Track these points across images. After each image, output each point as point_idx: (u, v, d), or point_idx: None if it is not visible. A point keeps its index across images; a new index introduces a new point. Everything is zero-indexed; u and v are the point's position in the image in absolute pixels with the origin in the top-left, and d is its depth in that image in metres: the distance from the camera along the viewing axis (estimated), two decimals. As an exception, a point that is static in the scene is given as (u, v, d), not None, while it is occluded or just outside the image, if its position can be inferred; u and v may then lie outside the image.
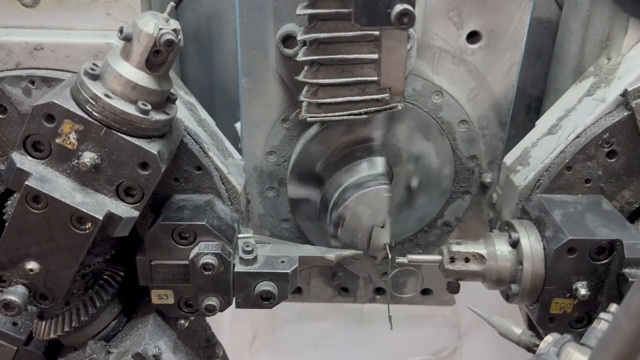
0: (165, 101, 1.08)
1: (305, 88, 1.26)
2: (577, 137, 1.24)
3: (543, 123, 1.36)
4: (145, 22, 0.99)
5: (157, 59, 1.01)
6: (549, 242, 1.16)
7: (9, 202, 1.17)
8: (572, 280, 1.14)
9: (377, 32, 1.13)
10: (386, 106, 1.27)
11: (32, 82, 1.16)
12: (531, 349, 1.10)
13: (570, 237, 1.12)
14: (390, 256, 1.28)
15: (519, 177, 1.32)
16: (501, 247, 1.22)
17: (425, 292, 1.74)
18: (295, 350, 2.11)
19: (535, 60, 1.58)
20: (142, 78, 1.01)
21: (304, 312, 2.01)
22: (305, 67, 1.24)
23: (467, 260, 1.23)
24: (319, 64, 1.23)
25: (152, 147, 1.03)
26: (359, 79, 1.23)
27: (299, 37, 1.22)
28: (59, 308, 1.14)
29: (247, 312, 1.22)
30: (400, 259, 1.25)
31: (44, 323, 1.18)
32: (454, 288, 1.27)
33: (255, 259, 1.18)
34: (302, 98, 1.26)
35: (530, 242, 1.18)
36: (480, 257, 1.22)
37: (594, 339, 1.01)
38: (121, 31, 0.99)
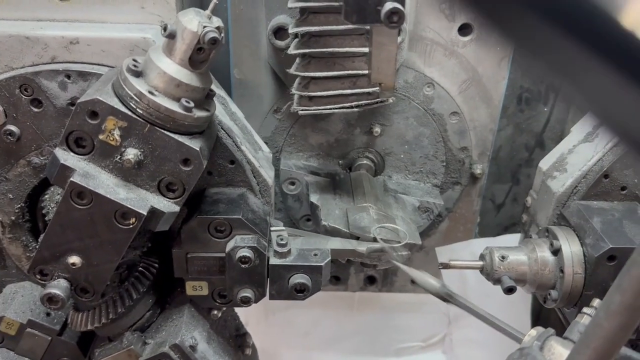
0: (205, 98, 1.09)
1: (297, 81, 1.28)
2: (615, 145, 1.27)
3: (579, 130, 1.38)
4: (189, 19, 1.00)
5: (200, 56, 1.02)
6: (589, 249, 1.19)
7: (46, 196, 1.18)
8: (611, 285, 1.17)
9: (368, 27, 1.13)
10: (377, 99, 1.29)
11: (68, 77, 1.16)
12: (446, 299, 1.14)
13: (611, 246, 1.15)
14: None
15: (556, 183, 1.34)
16: (543, 254, 1.25)
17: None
18: (287, 336, 2.13)
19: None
20: (186, 75, 1.02)
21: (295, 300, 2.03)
22: (297, 60, 1.26)
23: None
24: (310, 57, 1.25)
25: (195, 144, 1.04)
26: (350, 72, 1.25)
27: (291, 30, 1.23)
28: (97, 300, 1.16)
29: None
30: (442, 263, 1.28)
31: (80, 314, 1.20)
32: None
33: (289, 252, 1.20)
34: (293, 91, 1.28)
35: (571, 249, 1.21)
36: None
37: (576, 333, 1.04)
38: (165, 28, 1.00)
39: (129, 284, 1.20)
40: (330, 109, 1.27)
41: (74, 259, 1.06)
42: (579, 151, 1.34)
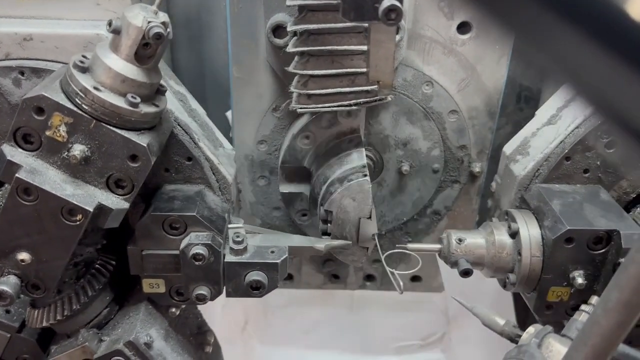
0: (154, 93, 1.08)
1: (296, 79, 1.27)
2: (577, 127, 1.25)
3: (543, 113, 1.36)
4: (134, 15, 0.99)
5: (146, 51, 1.02)
6: (547, 232, 1.18)
7: (0, 193, 1.18)
8: (570, 269, 1.17)
9: (366, 24, 1.13)
10: (376, 97, 1.28)
11: (22, 73, 1.16)
12: (514, 339, 1.13)
13: (568, 228, 1.14)
14: (378, 245, 1.29)
15: (519, 166, 1.33)
16: (501, 237, 1.23)
17: (415, 279, 1.76)
18: (287, 335, 2.13)
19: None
20: (131, 71, 1.01)
21: (295, 298, 2.02)
22: (296, 58, 1.25)
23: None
24: (309, 55, 1.23)
25: (142, 140, 1.03)
26: (349, 70, 1.23)
27: (289, 28, 1.22)
28: (51, 297, 1.15)
29: (239, 298, 1.23)
30: (400, 246, 1.27)
31: (36, 311, 1.19)
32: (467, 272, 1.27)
33: (245, 249, 1.19)
34: (292, 89, 1.27)
35: (530, 232, 1.20)
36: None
37: (574, 330, 1.04)
38: (110, 24, 0.99)
39: (85, 281, 1.20)
40: (329, 107, 1.26)
41: (23, 255, 1.05)
42: (541, 134, 1.32)
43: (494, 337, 1.23)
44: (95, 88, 1.00)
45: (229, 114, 1.52)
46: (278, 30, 1.31)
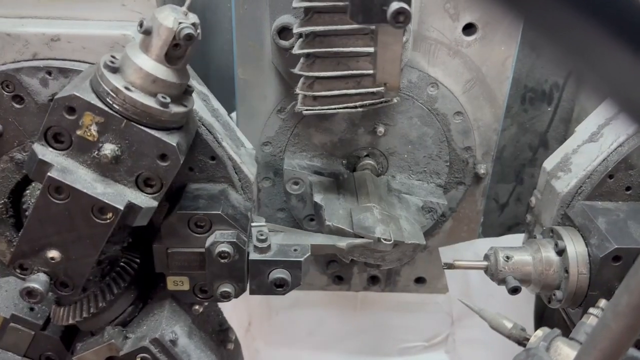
0: (182, 94, 1.10)
1: (301, 80, 1.27)
2: (620, 146, 1.27)
3: (583, 130, 1.38)
4: (165, 15, 1.00)
5: (176, 52, 1.03)
6: (594, 249, 1.19)
7: (27, 192, 1.19)
8: (616, 286, 1.17)
9: (373, 27, 1.14)
10: (382, 99, 1.29)
11: (49, 73, 1.17)
12: (521, 342, 1.14)
13: (616, 246, 1.16)
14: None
15: (561, 183, 1.34)
16: (548, 254, 1.25)
17: (419, 280, 1.77)
18: (290, 336, 2.14)
19: (529, 50, 1.60)
20: (162, 71, 1.03)
21: (299, 299, 2.03)
22: (301, 60, 1.26)
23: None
24: (314, 57, 1.24)
25: (171, 139, 1.04)
26: (355, 72, 1.24)
27: (295, 30, 1.23)
28: (78, 295, 1.17)
29: (243, 298, 1.25)
30: (447, 263, 1.28)
31: (62, 309, 1.21)
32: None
33: (269, 247, 1.21)
34: (297, 91, 1.28)
35: (576, 249, 1.21)
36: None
37: (582, 333, 1.05)
38: (141, 25, 1.01)
39: (110, 279, 1.21)
40: (335, 108, 1.27)
41: (53, 253, 1.07)
42: (583, 151, 1.34)
43: (498, 339, 1.24)
44: (127, 88, 1.01)
45: (233, 115, 1.53)
46: (283, 31, 1.32)
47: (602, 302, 1.14)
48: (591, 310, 1.13)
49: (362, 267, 1.75)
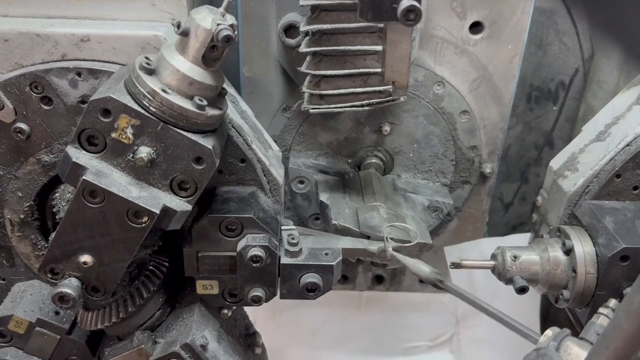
0: (217, 96, 1.08)
1: (308, 79, 1.27)
2: (628, 145, 1.26)
3: (590, 129, 1.37)
4: (203, 17, 0.99)
5: (213, 54, 1.01)
6: (602, 249, 1.18)
7: (57, 194, 1.18)
8: (623, 286, 1.18)
9: (381, 24, 1.13)
10: (388, 98, 1.28)
11: (79, 74, 1.15)
12: (439, 286, 1.16)
13: (624, 246, 1.15)
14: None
15: (568, 182, 1.33)
16: (555, 253, 1.24)
17: (423, 280, 1.76)
18: (295, 335, 2.13)
19: (536, 49, 1.60)
20: (199, 73, 1.01)
21: None
22: (308, 58, 1.25)
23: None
24: (321, 55, 1.24)
25: (207, 142, 1.03)
26: (362, 70, 1.23)
27: (302, 28, 1.22)
28: (108, 299, 1.15)
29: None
30: (454, 263, 1.27)
31: (90, 313, 1.19)
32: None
33: (300, 251, 1.20)
34: (304, 89, 1.27)
35: (584, 249, 1.21)
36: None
37: (593, 333, 1.04)
38: (178, 26, 0.99)
39: (140, 283, 1.20)
40: (341, 107, 1.26)
41: (86, 258, 1.05)
42: (590, 150, 1.33)
43: (503, 339, 1.24)
44: (163, 90, 0.99)
45: None
46: (290, 30, 1.32)
47: (612, 302, 1.13)
48: (601, 310, 1.12)
49: (366, 267, 1.75)
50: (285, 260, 1.19)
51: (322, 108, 1.27)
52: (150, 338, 1.19)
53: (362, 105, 1.27)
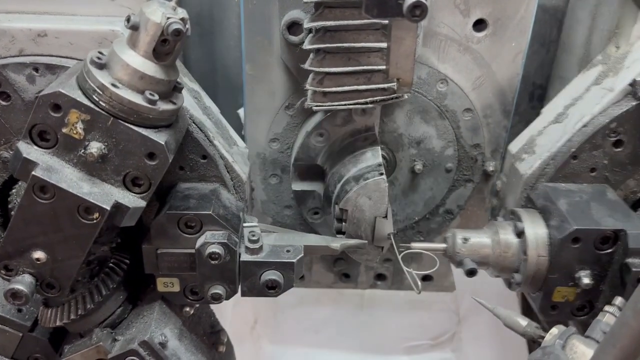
0: (172, 90, 1.07)
1: (311, 76, 1.25)
2: (584, 126, 1.24)
3: (549, 111, 1.36)
4: (153, 10, 0.98)
5: (164, 48, 1.00)
6: (554, 231, 1.17)
7: (13, 191, 1.17)
8: (576, 269, 1.16)
9: (385, 21, 1.11)
10: (392, 95, 1.27)
11: (36, 70, 1.14)
12: (536, 340, 1.12)
13: (575, 227, 1.13)
14: (395, 245, 1.28)
15: (525, 165, 1.32)
16: (506, 236, 1.23)
17: (426, 278, 1.75)
18: (297, 334, 2.12)
19: (539, 47, 1.58)
20: (150, 67, 1.00)
21: (305, 297, 2.01)
22: (311, 55, 1.23)
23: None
24: (325, 52, 1.22)
25: (160, 137, 1.02)
26: (366, 67, 1.22)
27: (306, 25, 1.21)
28: (65, 296, 1.14)
29: (249, 298, 1.23)
30: (403, 245, 1.26)
31: (50, 310, 1.18)
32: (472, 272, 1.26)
33: (261, 248, 1.18)
34: (307, 87, 1.25)
35: (536, 232, 1.19)
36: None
37: (599, 331, 1.03)
38: (128, 20, 0.98)
39: (99, 280, 1.19)
40: (345, 104, 1.25)
41: (39, 254, 1.04)
42: (548, 133, 1.32)
43: (504, 337, 1.22)
44: (113, 85, 0.98)
45: (241, 111, 1.51)
46: (293, 27, 1.30)
47: (618, 300, 1.11)
48: (607, 308, 1.10)
49: (369, 265, 1.73)
50: (245, 257, 1.18)
51: (325, 105, 1.26)
52: (109, 335, 1.18)
53: (366, 103, 1.26)
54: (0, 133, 1.19)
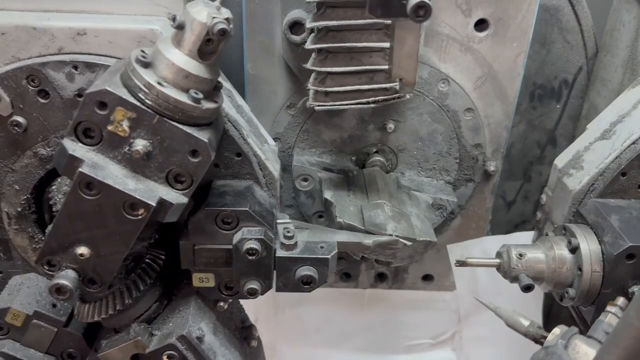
0: (213, 89, 1.09)
1: (313, 76, 1.27)
2: (633, 143, 1.26)
3: (595, 127, 1.37)
4: (198, 10, 0.99)
5: (208, 47, 1.02)
6: (608, 247, 1.19)
7: (54, 187, 1.18)
8: (629, 284, 1.18)
9: (388, 21, 1.13)
10: (394, 95, 1.28)
11: (75, 67, 1.16)
12: (538, 340, 1.14)
13: (630, 244, 1.15)
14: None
15: (573, 180, 1.33)
16: (561, 252, 1.25)
17: (426, 277, 1.77)
18: (297, 333, 2.13)
19: (540, 47, 1.60)
20: (194, 67, 1.01)
21: (306, 296, 2.02)
22: (313, 55, 1.25)
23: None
24: (327, 52, 1.24)
25: (203, 135, 1.04)
26: (368, 67, 1.23)
27: (308, 25, 1.22)
28: (104, 292, 1.16)
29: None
30: (459, 261, 1.28)
31: (87, 305, 1.20)
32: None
33: (295, 244, 1.20)
34: (309, 86, 1.27)
35: (590, 247, 1.21)
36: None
37: (601, 331, 1.04)
38: (174, 19, 0.99)
39: (136, 276, 1.20)
40: (347, 104, 1.26)
41: (82, 250, 1.06)
42: (595, 148, 1.33)
43: (506, 337, 1.24)
44: (159, 83, 1.00)
45: None
46: (295, 26, 1.32)
47: (620, 300, 1.14)
48: (609, 308, 1.12)
49: (369, 265, 1.75)
50: (280, 253, 1.19)
51: (327, 105, 1.27)
52: (146, 330, 1.20)
53: (368, 103, 1.27)
54: (38, 130, 1.20)
